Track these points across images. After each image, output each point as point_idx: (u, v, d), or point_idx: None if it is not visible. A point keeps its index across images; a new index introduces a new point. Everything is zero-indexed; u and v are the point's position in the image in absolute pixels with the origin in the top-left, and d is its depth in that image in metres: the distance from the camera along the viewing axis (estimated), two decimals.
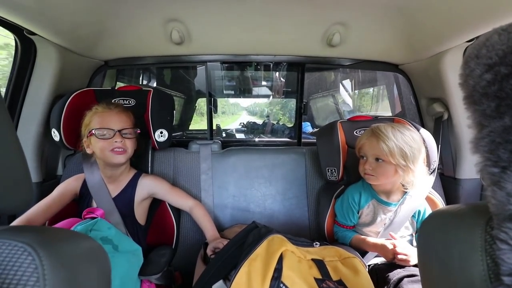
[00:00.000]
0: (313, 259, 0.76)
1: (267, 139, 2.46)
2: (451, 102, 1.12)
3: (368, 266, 0.95)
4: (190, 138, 1.57)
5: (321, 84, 3.48)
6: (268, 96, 2.50)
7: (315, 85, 3.46)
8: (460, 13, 0.84)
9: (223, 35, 1.16)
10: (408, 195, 0.95)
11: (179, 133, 2.79)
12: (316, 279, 0.69)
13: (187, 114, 3.10)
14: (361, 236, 0.99)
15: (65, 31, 0.97)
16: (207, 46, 1.24)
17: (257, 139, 2.05)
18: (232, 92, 2.31)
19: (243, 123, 3.63)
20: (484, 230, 0.32)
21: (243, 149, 1.31)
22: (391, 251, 0.86)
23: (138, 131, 0.99)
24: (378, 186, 0.98)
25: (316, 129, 2.94)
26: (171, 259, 1.01)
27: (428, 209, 0.97)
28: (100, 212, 0.91)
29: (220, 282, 0.75)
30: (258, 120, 3.99)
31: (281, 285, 0.64)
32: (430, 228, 0.41)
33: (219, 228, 1.18)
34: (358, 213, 1.02)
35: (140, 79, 2.40)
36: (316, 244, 0.84)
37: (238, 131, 3.40)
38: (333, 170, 1.09)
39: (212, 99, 1.54)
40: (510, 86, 0.29)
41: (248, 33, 1.14)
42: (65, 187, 0.97)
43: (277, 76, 2.09)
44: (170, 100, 1.13)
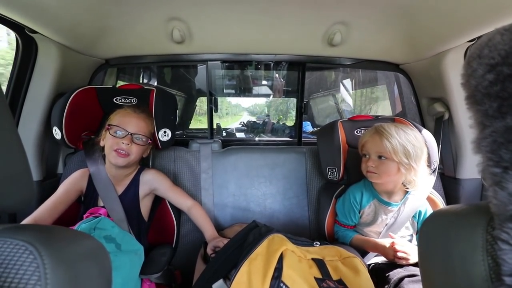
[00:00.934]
0: (313, 259, 0.76)
1: (268, 139, 2.46)
2: (452, 102, 1.12)
3: (369, 266, 0.95)
4: (191, 137, 1.57)
5: (322, 84, 3.46)
6: (269, 96, 2.49)
7: (316, 85, 3.45)
8: (462, 13, 0.84)
9: (224, 34, 1.15)
10: (409, 196, 0.95)
11: (180, 132, 2.78)
12: (316, 279, 0.69)
13: (188, 113, 3.09)
14: (362, 236, 1.00)
15: (66, 30, 0.97)
16: (208, 45, 1.24)
17: (258, 138, 2.04)
18: (233, 91, 2.30)
19: (243, 122, 3.62)
20: (485, 230, 0.32)
21: (244, 148, 1.31)
22: (391, 250, 0.86)
23: (150, 142, 1.00)
24: (380, 186, 0.97)
25: (317, 129, 2.93)
26: (172, 258, 1.01)
27: (430, 210, 0.97)
28: (103, 211, 0.91)
29: (220, 281, 0.75)
30: (259, 120, 3.98)
31: (281, 285, 0.64)
32: (431, 228, 0.41)
33: (219, 227, 1.19)
34: (360, 213, 1.02)
35: (141, 78, 2.40)
36: (316, 244, 0.84)
37: (239, 130, 3.39)
38: (334, 170, 1.09)
39: (213, 98, 1.54)
40: None
41: (249, 32, 1.14)
42: (71, 184, 0.95)
43: (277, 76, 2.08)
44: (173, 100, 1.13)
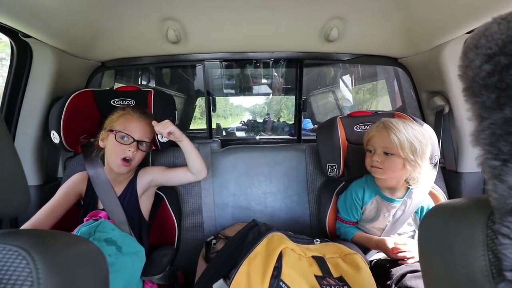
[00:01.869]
0: (314, 256, 0.76)
1: (268, 137, 2.45)
2: (452, 95, 1.11)
3: (371, 262, 0.95)
4: (191, 138, 1.56)
5: (321, 80, 3.45)
6: (268, 94, 2.48)
7: (315, 82, 3.43)
8: (460, 4, 0.82)
9: (219, 33, 1.15)
10: (412, 191, 0.94)
11: None
12: (317, 276, 0.68)
13: (187, 114, 3.09)
14: (364, 234, 0.99)
15: (60, 33, 0.96)
16: (204, 44, 1.23)
17: (258, 137, 2.04)
18: (232, 91, 2.30)
19: (244, 121, 3.62)
20: (486, 225, 0.31)
21: (243, 147, 1.31)
22: (391, 248, 0.86)
23: (153, 148, 1.00)
24: (383, 182, 0.96)
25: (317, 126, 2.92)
26: (173, 259, 1.01)
27: (432, 206, 0.96)
28: (103, 214, 0.91)
29: (221, 281, 0.75)
30: (259, 119, 3.97)
31: (281, 283, 0.63)
32: (431, 223, 0.41)
33: (220, 227, 1.19)
34: (362, 209, 1.01)
35: (139, 80, 2.39)
36: (317, 241, 0.84)
37: (239, 130, 3.39)
38: (334, 167, 1.09)
39: (211, 98, 1.53)
40: (511, 77, 0.28)
41: (245, 30, 1.13)
42: (70, 188, 0.94)
43: (276, 74, 2.07)
44: (171, 101, 1.13)
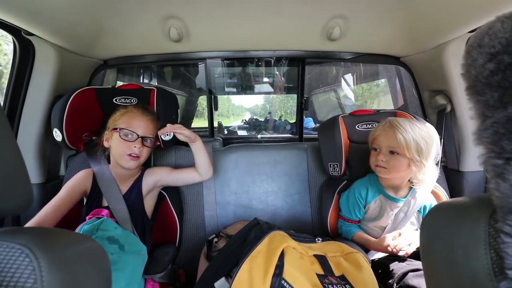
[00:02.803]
0: (315, 255, 0.76)
1: (269, 136, 2.45)
2: (454, 94, 1.10)
3: (372, 261, 0.95)
4: None
5: (323, 79, 3.44)
6: (270, 93, 2.48)
7: (317, 80, 3.43)
8: (463, 3, 0.82)
9: (222, 32, 1.15)
10: (415, 191, 0.94)
11: None
12: (318, 275, 0.68)
13: (189, 112, 3.09)
14: (364, 235, 0.98)
15: (63, 31, 0.96)
16: (206, 43, 1.23)
17: (260, 136, 2.04)
18: (234, 89, 2.29)
19: (245, 120, 3.62)
20: (488, 223, 0.31)
21: (244, 146, 1.31)
22: (390, 246, 0.86)
23: (158, 143, 1.01)
24: (386, 181, 0.96)
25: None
26: (175, 257, 1.01)
27: (434, 204, 0.96)
28: (105, 212, 0.91)
29: (222, 280, 0.75)
30: (260, 118, 3.97)
31: (283, 282, 0.63)
32: (433, 222, 0.41)
33: (222, 225, 1.19)
34: (365, 208, 1.01)
35: (141, 78, 2.40)
36: (318, 240, 0.84)
37: (241, 128, 3.39)
38: (335, 165, 1.09)
39: (212, 97, 1.53)
40: None
41: (247, 29, 1.13)
42: (75, 185, 0.94)
43: (278, 73, 2.07)
44: (174, 99, 1.12)
